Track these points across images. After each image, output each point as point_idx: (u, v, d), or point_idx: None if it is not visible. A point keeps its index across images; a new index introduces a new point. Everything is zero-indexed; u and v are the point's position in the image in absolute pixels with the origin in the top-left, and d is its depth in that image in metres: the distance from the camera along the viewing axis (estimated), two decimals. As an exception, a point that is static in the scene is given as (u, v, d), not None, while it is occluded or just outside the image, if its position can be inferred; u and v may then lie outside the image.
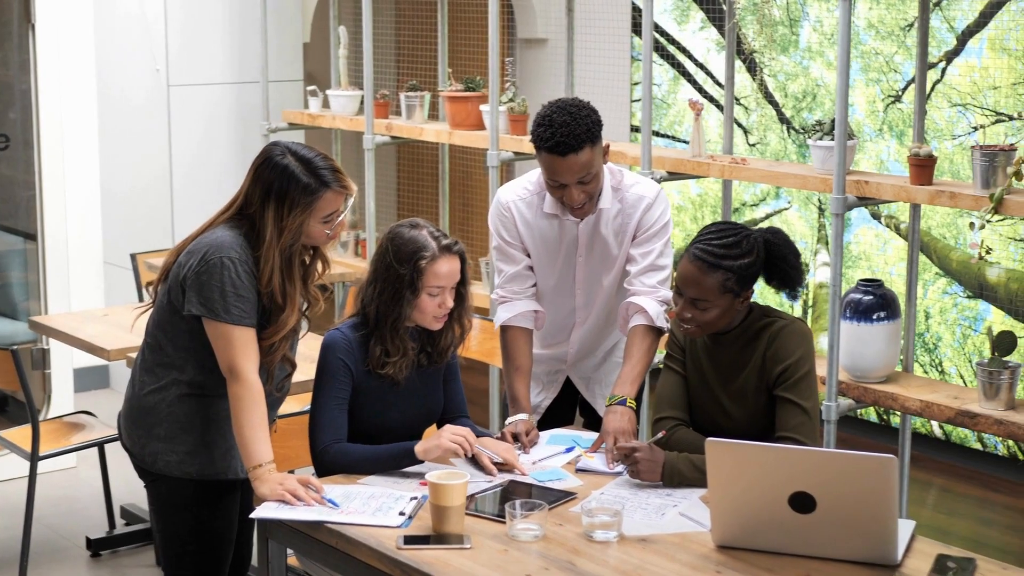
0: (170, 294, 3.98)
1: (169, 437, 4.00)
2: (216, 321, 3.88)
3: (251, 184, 3.96)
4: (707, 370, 4.09)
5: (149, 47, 7.81)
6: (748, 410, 4.02)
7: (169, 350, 3.99)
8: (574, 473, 4.13)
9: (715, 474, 3.54)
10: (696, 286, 3.93)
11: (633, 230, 4.47)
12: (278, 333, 3.98)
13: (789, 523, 3.49)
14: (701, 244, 3.95)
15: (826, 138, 5.27)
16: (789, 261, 3.99)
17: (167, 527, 4.10)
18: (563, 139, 4.21)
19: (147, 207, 7.97)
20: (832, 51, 7.32)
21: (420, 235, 4.14)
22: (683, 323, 4.00)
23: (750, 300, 4.01)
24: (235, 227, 3.96)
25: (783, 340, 3.97)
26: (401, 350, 4.16)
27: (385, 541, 3.63)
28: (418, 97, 7.16)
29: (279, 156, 3.94)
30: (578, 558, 3.53)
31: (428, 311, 4.14)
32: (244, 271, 3.89)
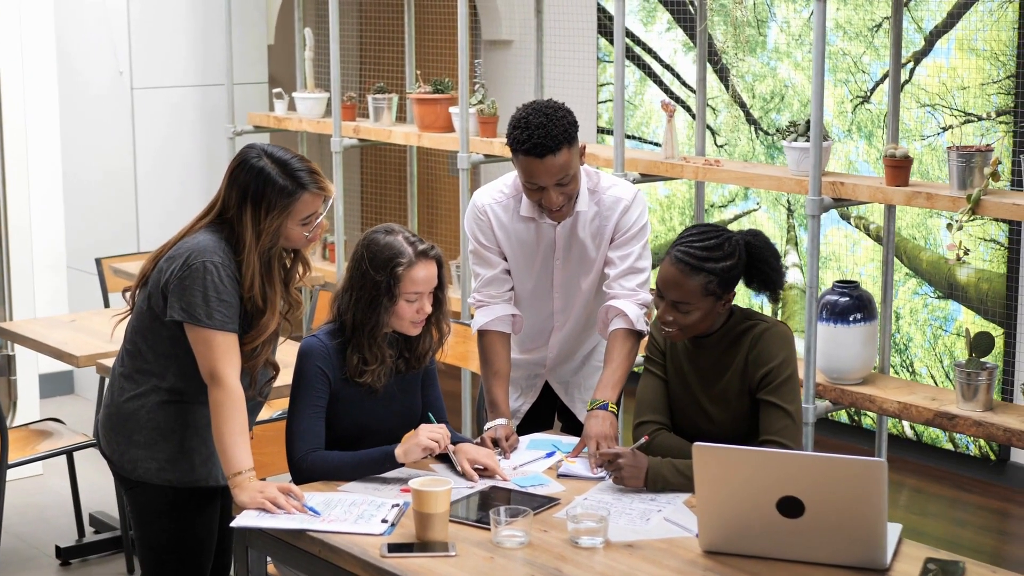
0: (150, 300, 3.92)
1: (149, 444, 3.95)
2: (198, 326, 3.83)
3: (227, 188, 3.92)
4: (688, 374, 4.06)
5: (112, 50, 7.73)
6: (730, 414, 4.00)
7: (149, 357, 3.94)
8: (556, 478, 4.09)
9: (702, 479, 3.51)
10: (678, 288, 3.90)
11: (611, 233, 4.43)
12: (259, 337, 3.94)
13: (777, 528, 3.46)
14: (683, 246, 3.92)
15: (800, 139, 5.26)
16: (770, 263, 3.97)
17: (146, 535, 4.04)
18: (540, 140, 4.17)
19: (111, 211, 7.90)
20: (800, 52, 7.32)
21: (396, 241, 4.08)
22: (664, 326, 3.97)
23: (731, 303, 3.98)
24: (215, 231, 3.91)
25: (765, 343, 3.94)
26: (379, 358, 4.11)
27: (369, 549, 3.58)
28: (386, 99, 7.11)
29: (255, 159, 3.89)
30: (565, 565, 3.50)
31: (406, 317, 4.09)
32: (226, 275, 3.84)
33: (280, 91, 7.80)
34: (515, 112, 4.28)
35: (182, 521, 4.01)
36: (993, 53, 6.54)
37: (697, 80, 6.02)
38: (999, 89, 6.54)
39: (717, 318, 3.98)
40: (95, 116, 7.90)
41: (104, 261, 7.25)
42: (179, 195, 7.88)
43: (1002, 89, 6.53)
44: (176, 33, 7.79)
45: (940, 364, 6.87)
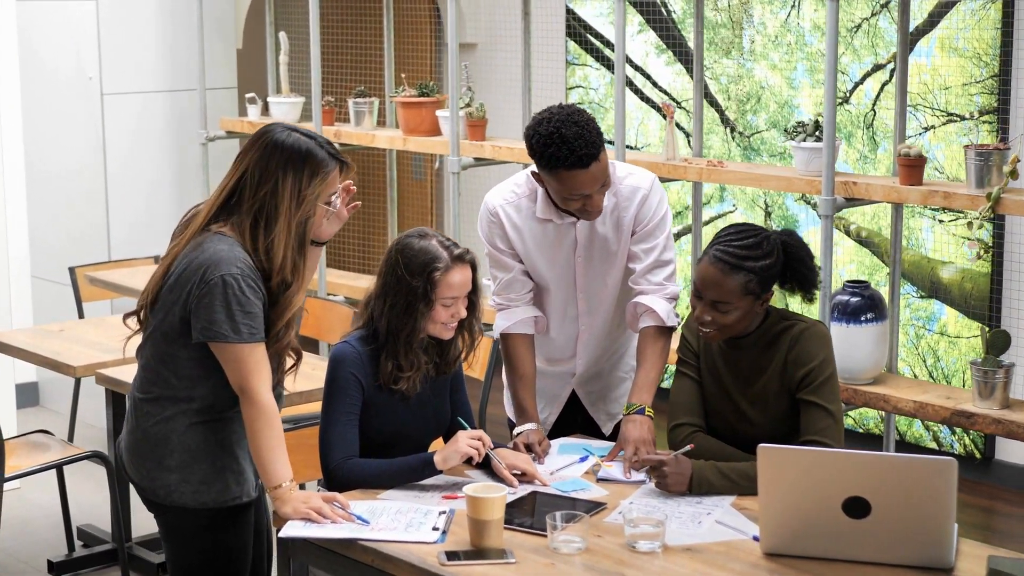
0: (163, 325, 3.78)
1: (181, 467, 3.82)
2: (225, 343, 3.71)
3: (258, 164, 3.74)
4: (724, 375, 4.02)
5: (76, 56, 7.59)
6: (769, 415, 3.97)
7: (172, 381, 3.80)
8: (595, 482, 4.05)
9: (766, 480, 3.48)
10: (717, 288, 3.86)
11: (631, 224, 4.31)
12: (284, 315, 3.80)
13: (842, 529, 3.44)
14: (721, 246, 3.89)
15: (809, 139, 5.25)
16: (806, 262, 3.95)
17: (181, 556, 3.93)
18: (584, 151, 4.04)
19: (80, 219, 7.75)
20: (777, 53, 7.32)
21: (431, 245, 4.02)
22: (702, 327, 3.93)
23: (768, 303, 3.96)
24: (227, 233, 3.76)
25: (805, 343, 3.92)
26: (415, 364, 4.04)
27: (426, 557, 3.52)
28: (367, 103, 7.04)
29: (284, 133, 3.77)
30: (628, 570, 3.45)
31: (439, 320, 4.03)
32: (247, 285, 3.70)
33: (254, 96, 7.70)
34: (535, 128, 4.11)
35: (218, 540, 3.90)
36: (976, 53, 6.57)
37: (694, 80, 6.00)
38: (982, 89, 6.57)
39: (754, 318, 3.95)
40: (63, 122, 7.75)
41: (78, 270, 7.13)
42: (150, 201, 7.76)
43: (985, 89, 6.56)
44: (146, 38, 7.67)
45: (923, 363, 6.90)
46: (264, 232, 3.74)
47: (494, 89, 7.95)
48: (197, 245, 3.76)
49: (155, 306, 3.82)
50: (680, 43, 7.71)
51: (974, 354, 6.68)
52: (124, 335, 5.80)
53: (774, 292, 3.94)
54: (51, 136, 7.79)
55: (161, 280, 3.81)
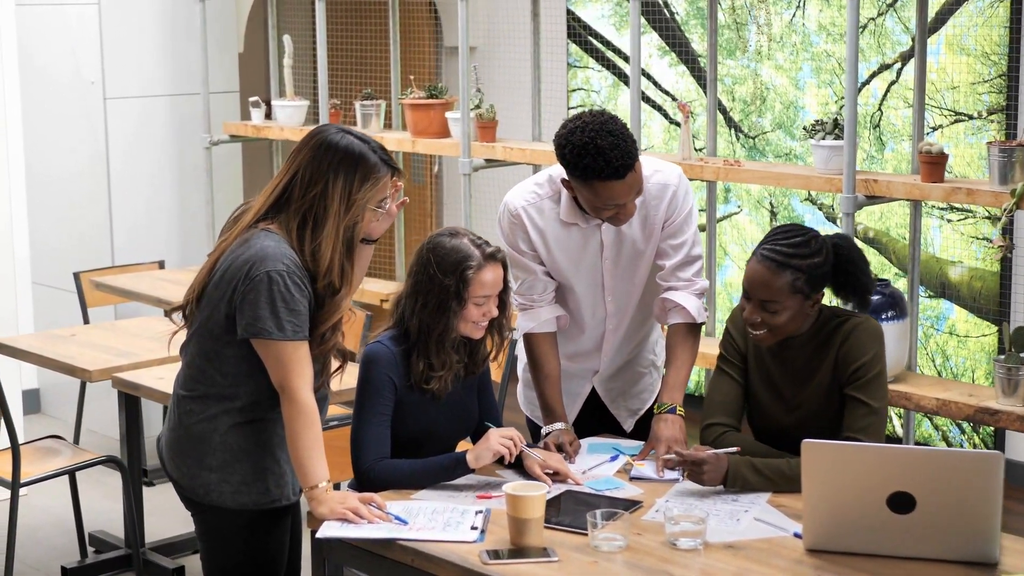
0: (209, 321, 3.75)
1: (222, 467, 3.79)
2: (269, 340, 3.67)
3: (309, 165, 3.71)
4: (776, 376, 4.00)
5: (78, 60, 7.54)
6: (823, 413, 3.93)
7: (217, 379, 3.77)
8: (628, 481, 4.03)
9: (810, 475, 3.46)
10: (765, 287, 3.84)
11: (660, 221, 4.26)
12: (331, 319, 3.77)
13: (887, 524, 3.42)
14: (768, 245, 3.87)
15: (829, 137, 5.24)
16: (858, 265, 3.91)
17: (217, 558, 3.90)
18: (619, 161, 3.95)
19: (82, 225, 7.69)
20: (782, 54, 7.32)
21: (462, 244, 3.99)
22: (753, 329, 3.90)
23: (819, 304, 3.93)
24: (274, 231, 3.73)
25: (857, 338, 3.89)
26: (447, 364, 4.02)
27: (468, 556, 3.49)
28: (374, 105, 7.01)
29: (338, 135, 3.74)
30: (673, 567, 3.43)
31: (470, 319, 4.00)
32: (293, 283, 3.67)
33: (257, 99, 7.66)
34: (568, 136, 4.01)
35: (255, 542, 3.87)
36: (984, 52, 6.57)
37: (709, 80, 5.98)
38: (990, 88, 6.57)
39: (805, 320, 3.91)
40: (65, 127, 7.69)
41: (83, 275, 7.09)
42: (153, 206, 7.70)
43: (993, 88, 6.56)
44: (147, 42, 7.61)
45: (932, 363, 6.89)
46: (311, 234, 3.71)
47: (495, 92, 7.91)
48: (244, 241, 3.73)
49: (201, 302, 3.79)
50: (683, 45, 7.69)
51: (983, 354, 6.68)
52: (137, 338, 5.89)
53: (824, 293, 3.91)
54: (53, 141, 7.73)
55: (207, 276, 3.78)
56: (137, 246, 7.60)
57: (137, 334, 6.01)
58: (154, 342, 5.83)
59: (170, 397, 3.92)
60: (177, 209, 7.77)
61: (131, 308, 7.34)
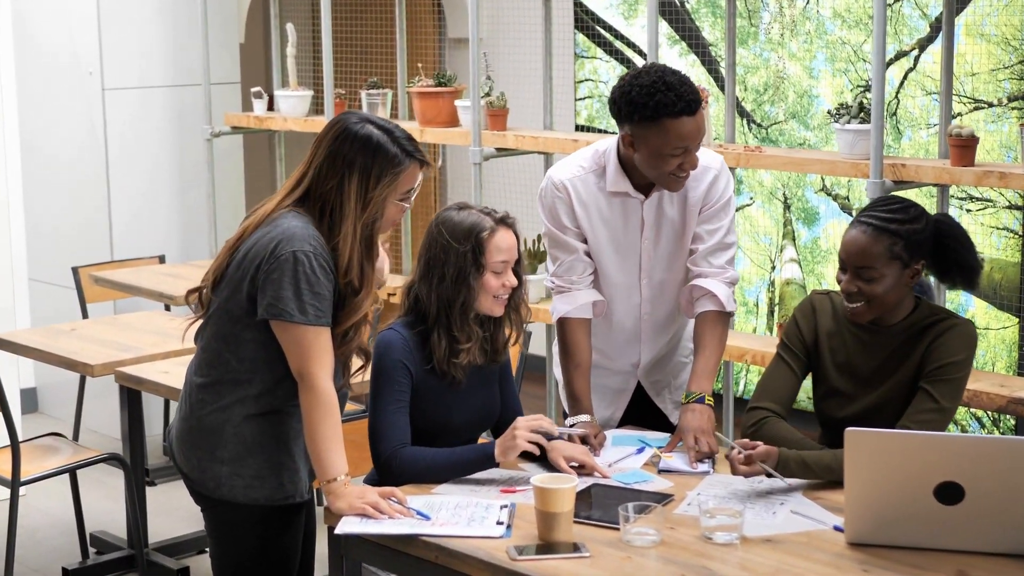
0: (229, 303, 3.60)
1: (234, 460, 3.64)
2: (289, 323, 3.52)
3: (326, 158, 3.59)
4: (858, 364, 3.84)
5: (76, 50, 7.38)
6: (901, 408, 3.76)
7: (233, 364, 3.62)
8: (657, 474, 3.88)
9: (853, 465, 3.30)
10: (862, 254, 3.70)
11: (699, 204, 4.14)
12: (351, 319, 3.64)
13: (934, 516, 3.27)
14: (866, 212, 3.75)
15: (853, 121, 5.09)
16: (961, 242, 3.77)
17: (228, 554, 3.74)
18: (689, 96, 3.87)
19: (80, 218, 7.52)
20: (796, 42, 7.17)
21: (471, 214, 3.89)
22: (849, 301, 3.76)
23: (919, 276, 3.77)
24: (300, 215, 3.60)
25: (949, 338, 3.74)
26: (471, 336, 3.89)
27: (494, 552, 3.34)
28: (380, 94, 6.85)
29: (357, 125, 3.60)
30: (710, 562, 3.28)
31: (491, 291, 3.88)
32: (319, 265, 3.53)
33: (259, 90, 7.50)
34: (632, 80, 3.90)
35: (267, 539, 3.72)
36: (1004, 38, 6.43)
37: (726, 65, 5.83)
38: (1010, 74, 6.43)
39: (904, 294, 3.76)
40: (62, 118, 7.52)
41: (82, 270, 6.93)
42: (153, 200, 7.54)
43: (1014, 74, 6.42)
44: (147, 32, 7.45)
45: (951, 356, 6.73)
46: (330, 231, 3.59)
47: (499, 83, 7.76)
48: (270, 222, 3.60)
49: (219, 285, 3.64)
50: (694, 34, 7.55)
51: (1003, 346, 6.53)
52: (139, 332, 5.73)
53: (923, 267, 3.76)
54: (49, 133, 7.57)
55: (227, 257, 3.64)
56: (136, 241, 7.45)
57: (139, 328, 5.85)
58: (157, 336, 5.68)
59: (174, 391, 3.78)
60: (177, 202, 7.61)
61: (131, 303, 7.18)
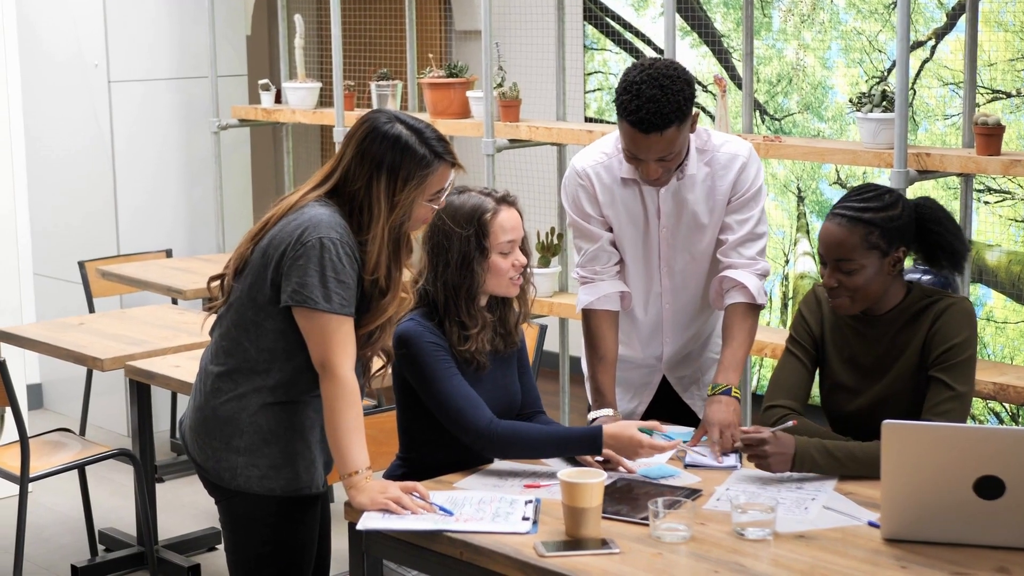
0: (252, 290, 3.52)
1: (250, 450, 3.55)
2: (313, 310, 3.44)
3: (354, 157, 3.52)
4: (859, 355, 3.77)
5: (81, 42, 7.29)
6: (906, 398, 3.70)
7: (252, 353, 3.54)
8: (683, 469, 3.79)
9: (890, 459, 3.22)
10: (839, 246, 3.62)
11: (727, 193, 4.06)
12: (376, 320, 3.57)
13: (973, 511, 3.19)
14: (840, 204, 3.67)
15: (876, 110, 5.00)
16: (944, 225, 3.68)
17: (243, 546, 3.66)
18: (648, 116, 3.79)
19: (85, 212, 7.43)
20: (810, 33, 7.08)
21: (472, 196, 3.82)
22: (833, 296, 3.68)
23: (901, 264, 3.68)
24: (328, 205, 3.52)
25: (949, 319, 3.66)
26: (480, 322, 3.81)
27: (522, 549, 3.26)
28: (390, 86, 6.77)
29: (387, 124, 3.52)
30: (743, 559, 3.19)
31: (503, 273, 3.81)
32: (345, 253, 3.45)
33: (267, 82, 7.41)
34: (627, 71, 3.88)
35: (283, 531, 3.63)
36: (1022, 26, 6.34)
37: (744, 54, 5.74)
38: (1029, 64, 6.35)
39: (888, 283, 3.68)
40: (68, 111, 7.43)
41: (88, 264, 6.84)
42: (160, 194, 7.45)
43: (1033, 64, 6.34)
44: (153, 23, 7.36)
45: (969, 350, 6.65)
46: (358, 228, 3.52)
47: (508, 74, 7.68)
48: (296, 210, 3.52)
49: (242, 272, 3.57)
50: (706, 25, 7.46)
51: (1022, 340, 6.45)
52: (148, 326, 5.65)
53: (905, 253, 3.67)
54: (54, 126, 7.48)
55: (251, 244, 3.56)
56: (143, 235, 7.36)
57: (148, 322, 5.77)
58: (166, 330, 5.60)
59: (185, 385, 3.69)
60: (184, 196, 7.52)
61: (137, 298, 7.09)
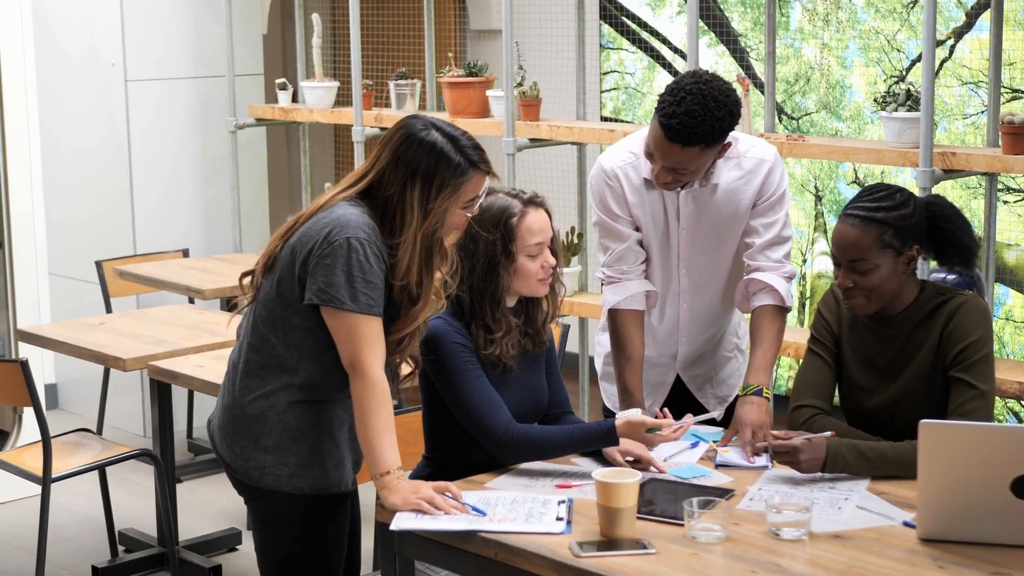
0: (280, 286, 3.52)
1: (278, 448, 3.55)
2: (340, 310, 3.43)
3: (389, 162, 3.51)
4: (875, 354, 3.76)
5: (94, 41, 7.27)
6: (927, 396, 3.69)
7: (280, 349, 3.53)
8: (715, 468, 3.78)
9: (927, 458, 3.21)
10: (852, 247, 3.62)
11: (752, 198, 4.06)
12: (407, 327, 3.56)
13: (1011, 511, 3.18)
14: (853, 204, 3.67)
15: (901, 109, 4.99)
16: (956, 223, 3.68)
17: (273, 546, 3.65)
18: (678, 126, 3.77)
19: (101, 212, 7.42)
20: (827, 32, 7.07)
21: (499, 198, 3.80)
22: (847, 297, 3.68)
23: (915, 262, 3.69)
24: (359, 206, 3.51)
25: (963, 317, 3.66)
26: (504, 326, 3.80)
27: (557, 549, 3.24)
28: (408, 85, 6.75)
29: (423, 131, 3.51)
30: (781, 559, 3.18)
31: (532, 275, 3.80)
32: (373, 253, 3.44)
33: (284, 81, 7.40)
34: (682, 75, 3.87)
35: (313, 530, 3.63)
36: (1042, 26, 6.34)
37: (766, 53, 5.73)
38: (1049, 64, 6.33)
39: (902, 282, 3.67)
40: (84, 110, 7.41)
41: (106, 264, 6.83)
42: (177, 193, 7.44)
43: (1052, 64, 6.32)
44: (170, 22, 7.35)
45: (988, 350, 6.63)
46: (390, 232, 3.51)
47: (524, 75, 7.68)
48: (326, 208, 3.52)
49: (271, 269, 3.56)
50: (722, 24, 7.45)
51: None
52: (169, 326, 5.64)
53: (919, 252, 3.67)
54: (70, 125, 7.47)
55: (280, 242, 3.56)
56: (159, 234, 7.35)
57: (169, 322, 5.75)
58: (187, 330, 5.59)
59: (210, 385, 3.69)
60: (201, 195, 7.50)
61: (153, 298, 7.08)
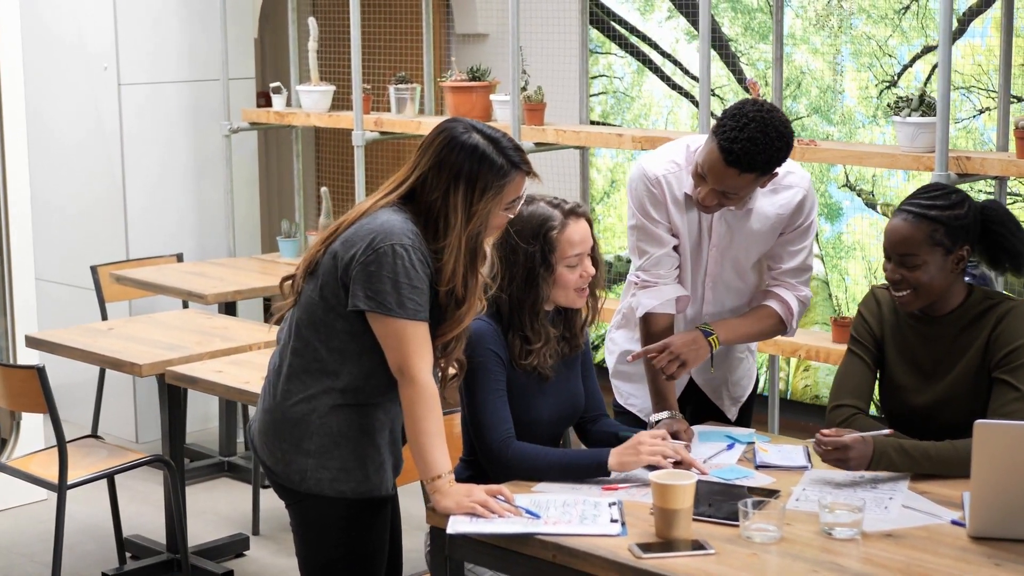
0: (323, 290, 3.53)
1: (320, 452, 3.56)
2: (388, 317, 3.45)
3: (431, 166, 3.52)
4: (920, 355, 3.81)
5: (86, 44, 7.24)
6: (972, 397, 3.74)
7: (322, 353, 3.54)
8: (755, 469, 3.82)
9: (981, 458, 3.26)
10: (904, 241, 3.69)
11: (784, 223, 4.12)
12: (453, 330, 3.57)
13: (1064, 511, 3.23)
14: (908, 201, 3.75)
15: (914, 114, 5.05)
16: (1009, 227, 3.74)
17: (316, 551, 3.65)
18: (738, 151, 3.79)
19: (94, 217, 7.38)
20: (819, 37, 7.13)
21: (539, 207, 3.81)
22: (896, 290, 3.74)
23: (964, 263, 3.74)
24: (401, 211, 3.53)
25: (1012, 321, 3.71)
26: (543, 337, 3.83)
27: (617, 551, 3.27)
28: (408, 89, 6.76)
29: (464, 134, 3.52)
30: (839, 558, 3.22)
31: (570, 286, 3.82)
32: (418, 259, 3.46)
33: (279, 85, 7.39)
34: (744, 101, 3.87)
35: (355, 534, 3.64)
36: (1038, 32, 6.40)
37: (774, 58, 5.77)
38: (1043, 69, 6.40)
39: (951, 281, 3.73)
40: (76, 113, 7.38)
41: (101, 269, 6.79)
42: (170, 197, 7.41)
43: (1047, 69, 6.39)
44: (163, 26, 7.32)
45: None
46: (434, 237, 3.52)
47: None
48: (368, 215, 3.53)
49: (313, 273, 3.57)
50: (713, 29, 7.48)
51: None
52: (180, 331, 5.62)
53: (969, 252, 3.72)
54: (62, 128, 7.43)
55: (322, 246, 3.57)
56: (152, 239, 7.32)
57: (179, 327, 5.73)
58: (199, 335, 5.57)
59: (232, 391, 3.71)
60: (194, 200, 7.48)
61: (147, 303, 7.06)
